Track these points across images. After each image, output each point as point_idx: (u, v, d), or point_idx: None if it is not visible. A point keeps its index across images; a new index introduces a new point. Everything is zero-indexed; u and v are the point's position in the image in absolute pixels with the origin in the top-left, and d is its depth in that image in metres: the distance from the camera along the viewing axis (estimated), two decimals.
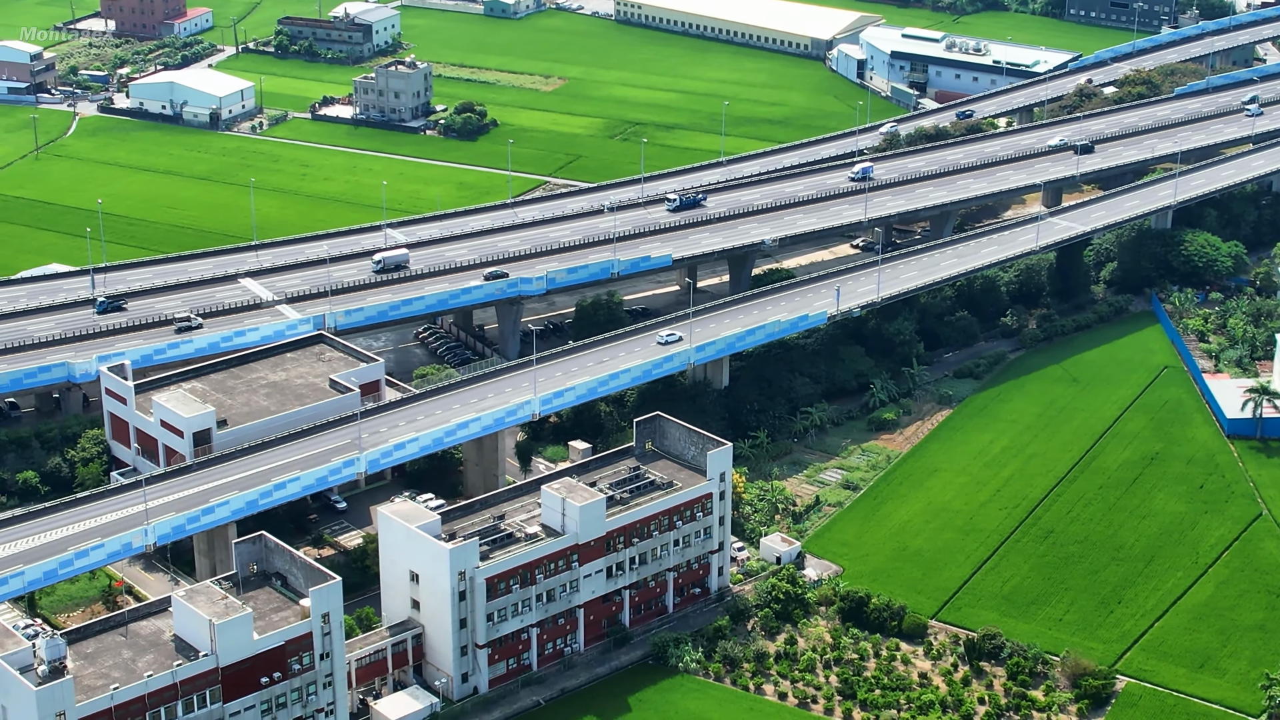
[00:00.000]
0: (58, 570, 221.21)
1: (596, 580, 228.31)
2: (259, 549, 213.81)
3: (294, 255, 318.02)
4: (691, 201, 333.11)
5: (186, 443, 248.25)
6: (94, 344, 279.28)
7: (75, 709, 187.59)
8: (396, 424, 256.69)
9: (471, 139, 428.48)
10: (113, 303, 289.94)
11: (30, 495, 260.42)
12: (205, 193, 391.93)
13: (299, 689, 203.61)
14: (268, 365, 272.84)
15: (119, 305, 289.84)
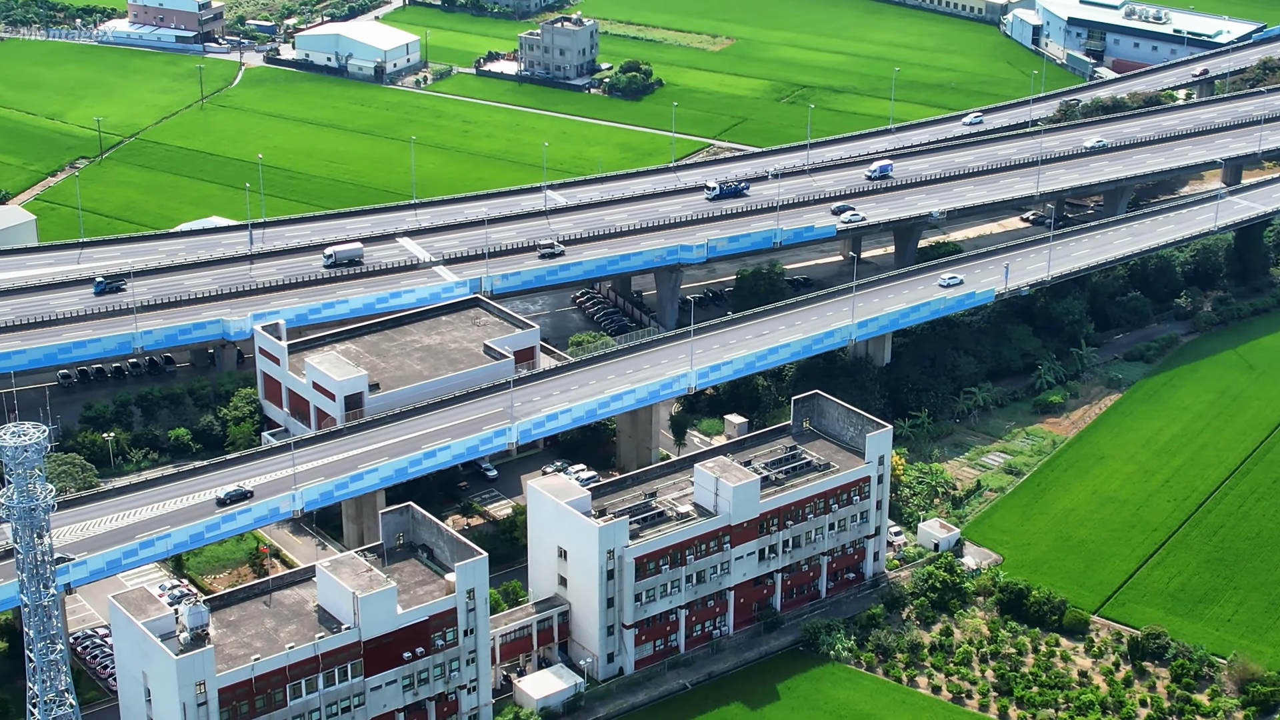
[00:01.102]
0: (204, 534, 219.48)
1: (748, 563, 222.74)
2: (406, 520, 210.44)
3: (453, 215, 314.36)
4: (733, 190, 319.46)
5: (338, 406, 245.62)
6: (250, 301, 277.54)
7: (215, 679, 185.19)
8: (550, 393, 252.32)
9: (636, 99, 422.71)
10: (111, 284, 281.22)
11: (182, 452, 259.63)
12: (367, 147, 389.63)
13: (441, 665, 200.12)
14: (422, 328, 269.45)
15: (118, 286, 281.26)
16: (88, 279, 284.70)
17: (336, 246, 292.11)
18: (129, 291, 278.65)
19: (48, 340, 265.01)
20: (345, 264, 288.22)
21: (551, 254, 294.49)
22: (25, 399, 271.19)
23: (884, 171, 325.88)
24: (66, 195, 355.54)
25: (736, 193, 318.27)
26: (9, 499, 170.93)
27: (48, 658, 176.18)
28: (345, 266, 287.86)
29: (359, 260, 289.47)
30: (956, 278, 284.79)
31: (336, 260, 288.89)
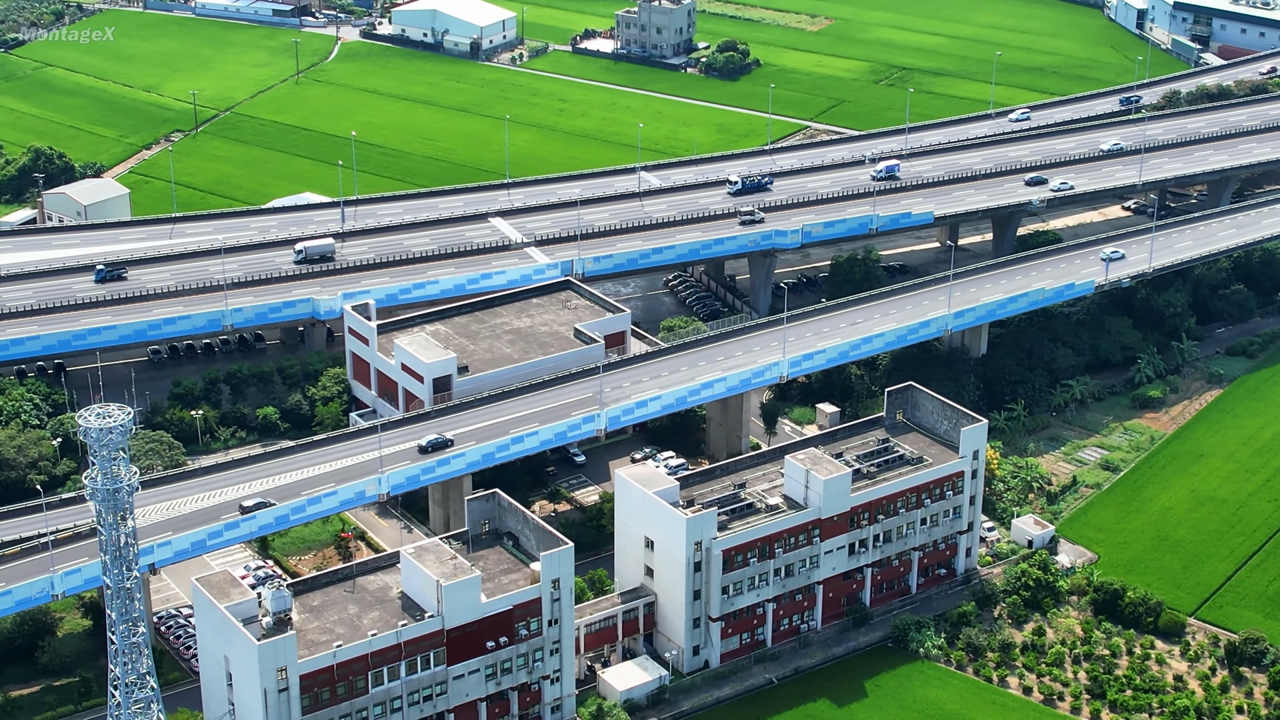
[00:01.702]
0: (289, 516, 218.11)
1: (838, 557, 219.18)
2: (492, 507, 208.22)
3: (545, 195, 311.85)
4: (755, 185, 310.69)
5: (426, 388, 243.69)
6: (340, 280, 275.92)
7: (296, 665, 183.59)
8: (640, 379, 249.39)
9: (732, 78, 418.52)
10: (112, 271, 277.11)
11: (270, 431, 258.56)
12: (461, 124, 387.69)
13: (525, 655, 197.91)
14: (512, 310, 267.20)
15: (119, 274, 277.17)
16: (178, 254, 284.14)
17: (307, 242, 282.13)
18: (130, 279, 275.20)
19: (138, 316, 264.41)
20: (316, 260, 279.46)
21: (752, 220, 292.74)
22: (115, 374, 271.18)
23: (890, 172, 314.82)
24: (160, 169, 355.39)
25: (759, 187, 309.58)
26: (93, 481, 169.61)
27: (130, 640, 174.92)
28: (316, 263, 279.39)
29: (330, 256, 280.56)
30: (1119, 252, 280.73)
31: (307, 256, 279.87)
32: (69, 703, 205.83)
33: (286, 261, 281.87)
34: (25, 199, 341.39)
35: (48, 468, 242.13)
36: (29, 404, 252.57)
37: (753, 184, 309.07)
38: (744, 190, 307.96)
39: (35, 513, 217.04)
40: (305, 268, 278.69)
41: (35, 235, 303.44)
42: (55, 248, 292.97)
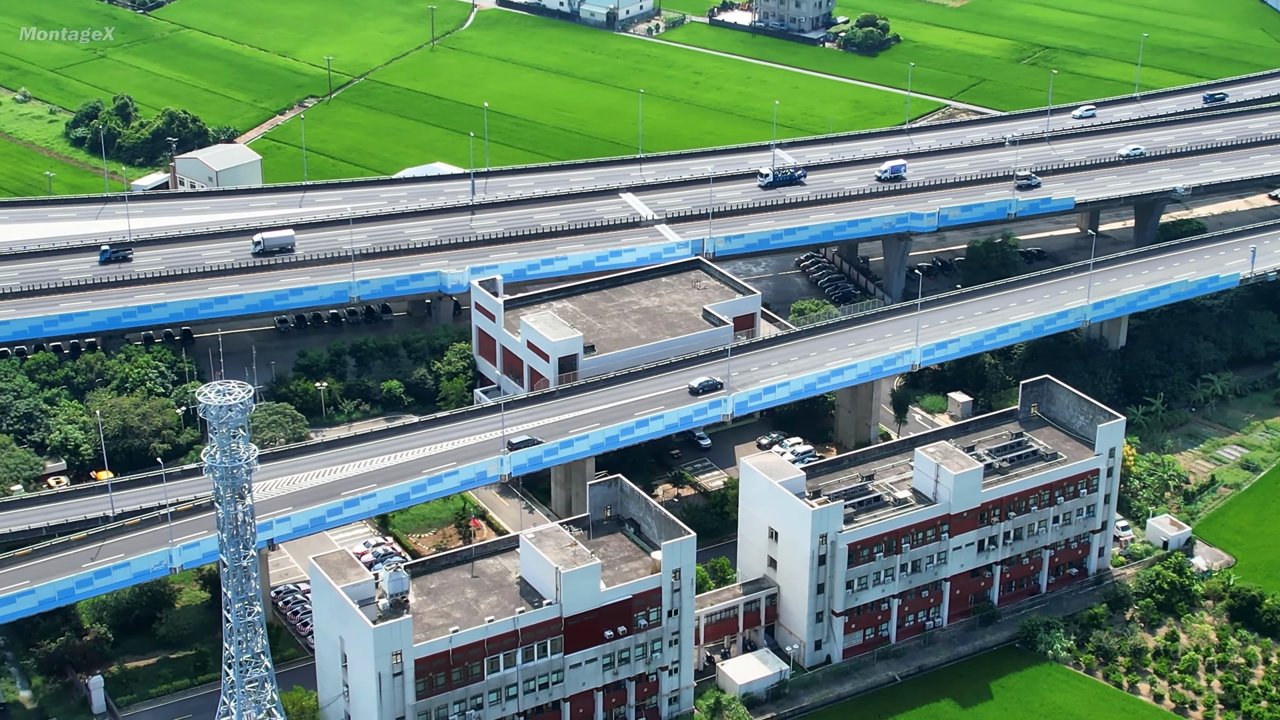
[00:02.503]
0: (410, 494, 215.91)
1: (966, 553, 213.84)
2: (614, 492, 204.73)
3: (678, 171, 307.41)
4: (788, 178, 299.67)
5: (552, 367, 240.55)
6: (469, 253, 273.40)
7: (411, 649, 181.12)
8: (769, 364, 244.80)
9: (871, 54, 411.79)
10: (116, 252, 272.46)
11: (394, 405, 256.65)
12: (595, 96, 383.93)
13: (643, 645, 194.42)
14: (641, 289, 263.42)
15: (124, 255, 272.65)
16: (309, 223, 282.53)
17: (266, 233, 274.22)
18: (134, 261, 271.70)
19: (266, 286, 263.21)
20: (275, 252, 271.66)
21: (1028, 185, 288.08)
22: (241, 342, 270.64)
23: (896, 172, 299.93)
24: (292, 135, 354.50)
25: (792, 180, 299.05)
26: (211, 458, 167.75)
27: (245, 619, 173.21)
28: (274, 254, 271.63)
29: (290, 248, 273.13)
30: None
31: (266, 248, 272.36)
32: (184, 676, 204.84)
33: (416, 233, 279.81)
34: (158, 162, 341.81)
35: (171, 436, 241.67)
36: (154, 371, 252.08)
37: (785, 176, 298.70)
38: (776, 183, 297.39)
39: (156, 483, 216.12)
40: (438, 238, 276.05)
41: (166, 200, 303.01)
42: (186, 214, 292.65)
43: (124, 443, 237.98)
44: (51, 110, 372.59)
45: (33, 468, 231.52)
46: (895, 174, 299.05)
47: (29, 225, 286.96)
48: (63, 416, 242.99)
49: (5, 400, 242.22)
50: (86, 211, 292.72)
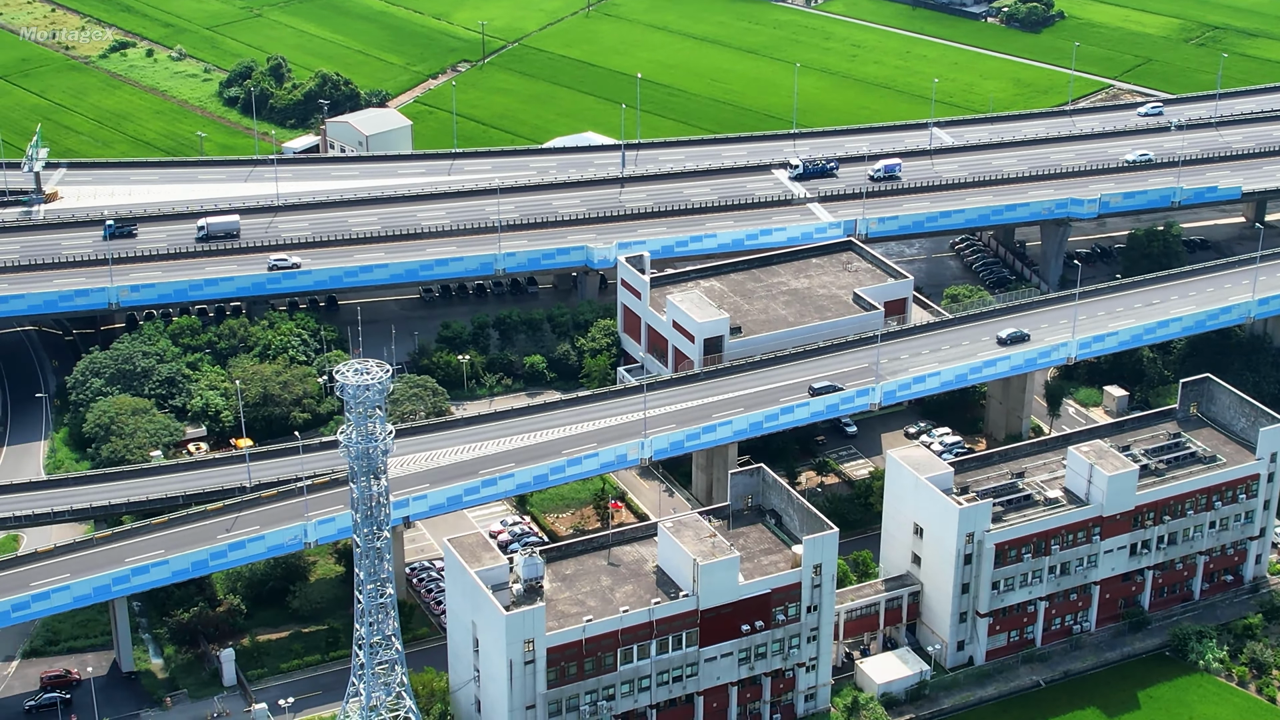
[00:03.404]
0: (548, 476, 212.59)
1: (1117, 557, 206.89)
2: (756, 482, 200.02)
3: (832, 148, 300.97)
4: (819, 170, 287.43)
5: (697, 348, 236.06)
6: (617, 228, 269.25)
7: (544, 638, 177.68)
8: (919, 351, 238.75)
9: (1034, 30, 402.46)
10: (120, 228, 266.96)
11: (536, 380, 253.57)
12: (750, 67, 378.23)
13: (780, 640, 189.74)
14: (791, 270, 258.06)
15: (128, 231, 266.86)
16: (456, 192, 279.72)
17: (210, 218, 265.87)
18: (139, 236, 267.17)
19: (411, 256, 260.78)
20: (220, 237, 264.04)
21: None
22: (386, 311, 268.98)
23: (890, 172, 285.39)
24: (444, 100, 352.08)
25: (823, 173, 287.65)
26: (347, 437, 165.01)
27: (377, 601, 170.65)
28: (220, 240, 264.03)
29: (235, 234, 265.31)
30: None
31: (210, 233, 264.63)
32: (316, 652, 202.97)
33: (564, 205, 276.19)
34: (309, 124, 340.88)
35: (311, 406, 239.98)
36: (297, 339, 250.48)
37: (816, 168, 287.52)
38: (806, 175, 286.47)
39: (293, 455, 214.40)
40: (586, 211, 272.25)
41: (316, 165, 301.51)
42: (334, 179, 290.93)
43: (264, 410, 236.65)
44: (206, 69, 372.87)
45: (173, 434, 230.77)
46: (889, 174, 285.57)
47: (179, 186, 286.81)
48: (204, 382, 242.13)
49: (148, 364, 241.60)
50: (236, 174, 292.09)
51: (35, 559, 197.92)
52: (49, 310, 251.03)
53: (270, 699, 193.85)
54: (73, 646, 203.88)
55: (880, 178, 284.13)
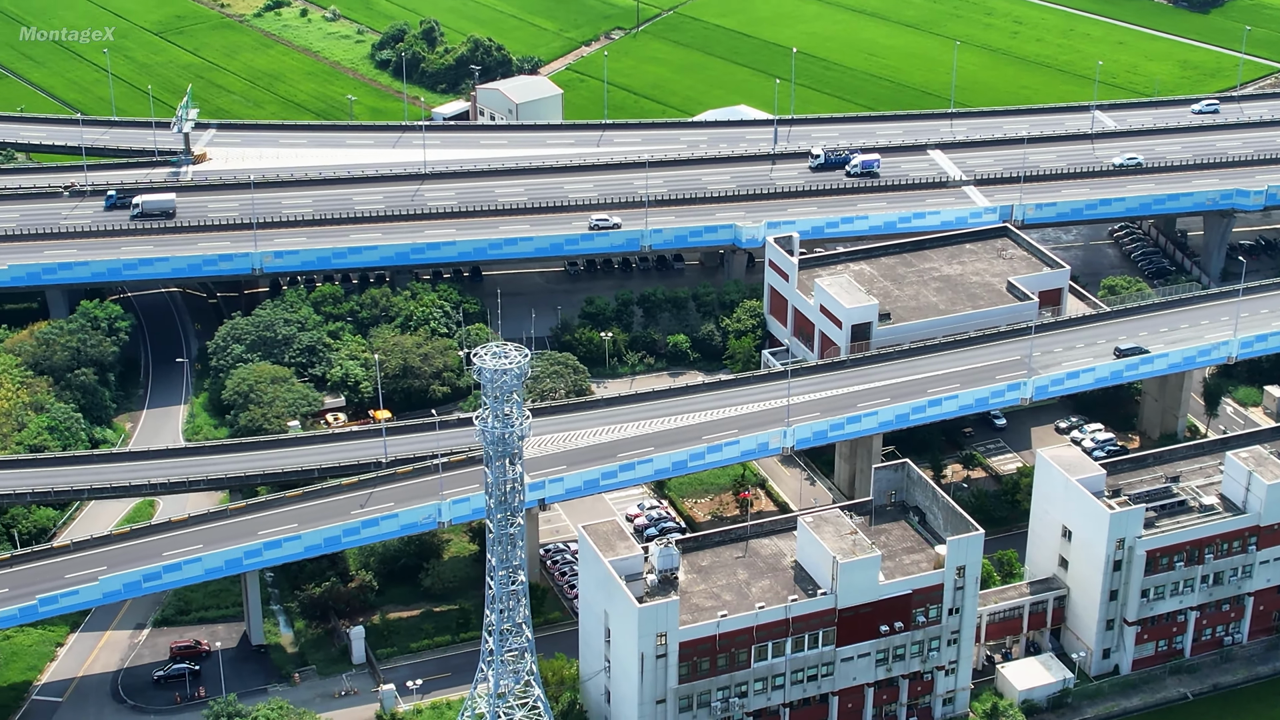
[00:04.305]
0: (687, 462, 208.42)
1: (1274, 568, 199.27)
2: (900, 478, 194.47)
3: (989, 129, 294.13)
4: (842, 160, 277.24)
5: (844, 335, 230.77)
6: (766, 206, 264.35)
7: (677, 632, 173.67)
8: (1074, 345, 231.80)
9: (1203, 10, 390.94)
10: (123, 199, 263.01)
11: (678, 360, 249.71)
12: (908, 41, 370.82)
13: (920, 642, 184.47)
14: (944, 255, 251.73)
15: (128, 202, 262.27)
16: (605, 165, 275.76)
17: (146, 196, 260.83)
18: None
19: (558, 229, 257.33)
20: (156, 215, 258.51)
21: None
22: (530, 283, 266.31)
23: (868, 168, 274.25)
24: (596, 68, 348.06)
25: (845, 163, 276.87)
26: (483, 421, 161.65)
27: (508, 588, 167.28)
28: (156, 218, 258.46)
29: (171, 213, 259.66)
30: None
31: (145, 210, 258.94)
32: (446, 632, 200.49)
33: (714, 181, 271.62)
34: (460, 90, 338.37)
35: (451, 379, 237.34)
36: (439, 311, 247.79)
37: (837, 159, 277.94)
38: (827, 165, 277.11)
39: (429, 430, 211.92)
40: (735, 188, 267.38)
41: (465, 133, 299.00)
42: (483, 147, 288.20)
43: (403, 382, 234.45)
44: (359, 30, 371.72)
45: (311, 403, 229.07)
46: (867, 169, 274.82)
47: (327, 151, 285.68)
48: (345, 352, 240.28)
49: (289, 332, 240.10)
50: (384, 139, 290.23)
51: (169, 528, 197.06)
52: (193, 274, 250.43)
53: (398, 679, 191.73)
54: (204, 617, 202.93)
55: (858, 173, 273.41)
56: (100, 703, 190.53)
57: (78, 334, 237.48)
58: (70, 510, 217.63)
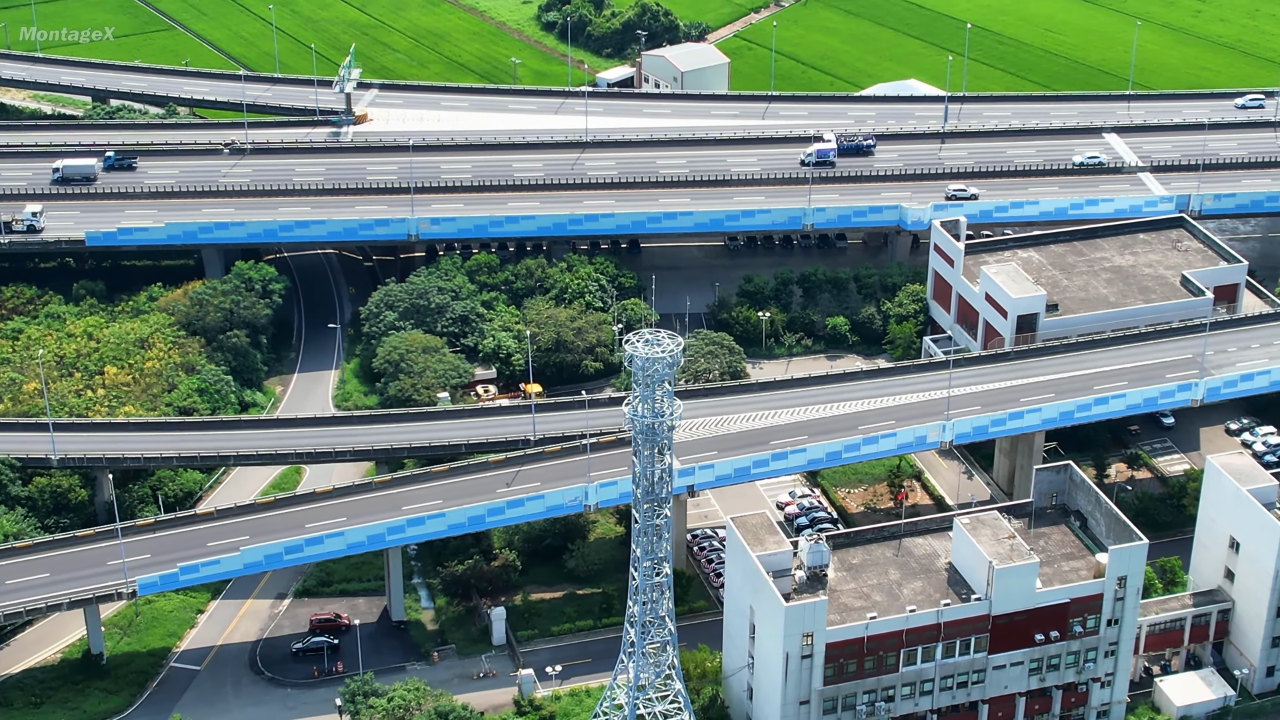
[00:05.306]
0: (841, 453, 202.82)
1: None
2: (1062, 480, 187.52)
3: (1168, 113, 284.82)
4: (855, 147, 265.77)
5: (1009, 325, 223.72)
6: (934, 187, 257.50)
7: (824, 632, 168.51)
8: (1249, 344, 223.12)
9: None
10: (121, 160, 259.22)
11: (837, 343, 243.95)
12: (1086, 17, 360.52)
13: (1076, 653, 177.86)
14: (1115, 245, 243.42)
15: (129, 164, 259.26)
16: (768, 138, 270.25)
17: (66, 161, 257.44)
18: (139, 169, 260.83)
19: (717, 204, 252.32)
20: (77, 180, 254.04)
21: None
22: (688, 257, 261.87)
23: (822, 157, 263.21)
24: (764, 36, 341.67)
25: (859, 150, 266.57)
26: (633, 409, 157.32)
27: (652, 579, 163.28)
28: (77, 183, 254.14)
29: (92, 178, 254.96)
30: None
31: (65, 175, 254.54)
32: (588, 616, 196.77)
33: (880, 159, 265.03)
34: (625, 55, 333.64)
35: (604, 355, 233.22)
36: (595, 284, 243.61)
37: (852, 146, 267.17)
38: (840, 152, 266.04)
39: (579, 409, 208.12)
40: (902, 167, 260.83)
41: (628, 100, 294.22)
42: (645, 116, 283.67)
43: (555, 356, 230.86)
44: None
45: (461, 375, 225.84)
46: (821, 159, 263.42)
47: (489, 115, 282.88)
48: (498, 323, 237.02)
49: (443, 300, 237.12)
50: (547, 105, 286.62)
51: (313, 499, 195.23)
52: (349, 238, 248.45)
53: (538, 664, 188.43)
54: (345, 589, 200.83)
55: (811, 163, 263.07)
56: (238, 673, 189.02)
57: (231, 295, 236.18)
58: (217, 474, 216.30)
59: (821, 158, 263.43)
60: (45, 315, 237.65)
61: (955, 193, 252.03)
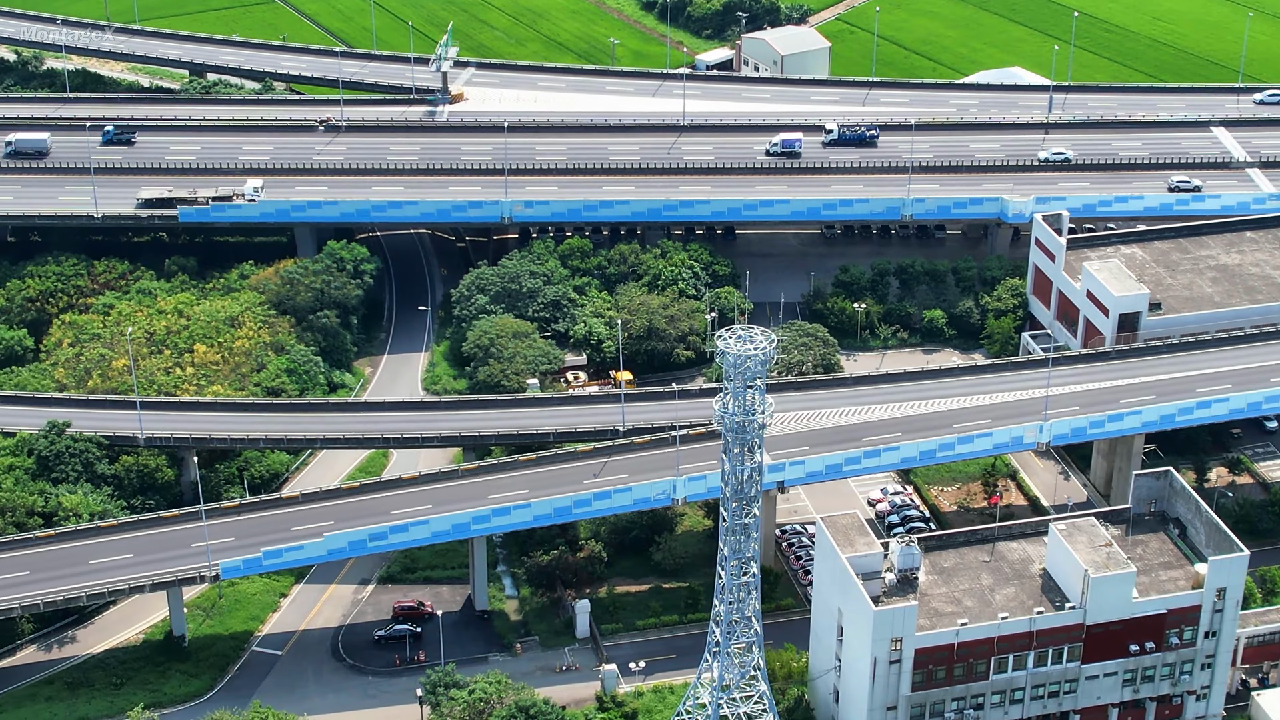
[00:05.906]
0: (935, 452, 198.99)
1: None
2: (1162, 486, 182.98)
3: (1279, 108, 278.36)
4: (856, 137, 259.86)
5: (1110, 323, 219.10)
6: (1034, 179, 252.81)
7: (913, 638, 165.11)
8: None
9: None
10: (120, 135, 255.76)
11: (933, 336, 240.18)
12: (1197, 7, 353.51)
13: (1171, 665, 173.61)
14: (1222, 243, 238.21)
15: (127, 139, 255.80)
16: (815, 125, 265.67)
17: (18, 134, 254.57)
18: (136, 145, 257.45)
19: (814, 192, 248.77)
20: (30, 155, 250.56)
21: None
22: (784, 244, 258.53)
23: (788, 147, 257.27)
24: (866, 19, 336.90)
25: (861, 140, 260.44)
26: (723, 407, 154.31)
27: (738, 579, 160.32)
28: (31, 158, 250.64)
29: (45, 152, 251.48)
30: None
31: (18, 149, 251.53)
32: (673, 611, 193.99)
33: (982, 149, 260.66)
34: (725, 37, 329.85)
35: (696, 344, 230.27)
36: (688, 271, 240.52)
37: (853, 135, 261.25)
38: (841, 142, 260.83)
39: (669, 399, 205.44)
40: (1004, 158, 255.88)
41: (726, 84, 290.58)
42: (744, 100, 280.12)
43: (647, 344, 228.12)
44: None
45: (551, 361, 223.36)
46: (787, 149, 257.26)
47: (586, 96, 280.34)
48: (590, 308, 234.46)
49: (534, 285, 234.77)
50: (644, 87, 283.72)
51: (399, 485, 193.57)
52: (441, 220, 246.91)
53: (621, 659, 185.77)
54: (429, 576, 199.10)
55: (776, 153, 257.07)
56: (319, 659, 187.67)
57: (322, 275, 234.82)
58: (303, 456, 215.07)
59: (787, 148, 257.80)
60: (136, 291, 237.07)
61: (1179, 184, 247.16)
